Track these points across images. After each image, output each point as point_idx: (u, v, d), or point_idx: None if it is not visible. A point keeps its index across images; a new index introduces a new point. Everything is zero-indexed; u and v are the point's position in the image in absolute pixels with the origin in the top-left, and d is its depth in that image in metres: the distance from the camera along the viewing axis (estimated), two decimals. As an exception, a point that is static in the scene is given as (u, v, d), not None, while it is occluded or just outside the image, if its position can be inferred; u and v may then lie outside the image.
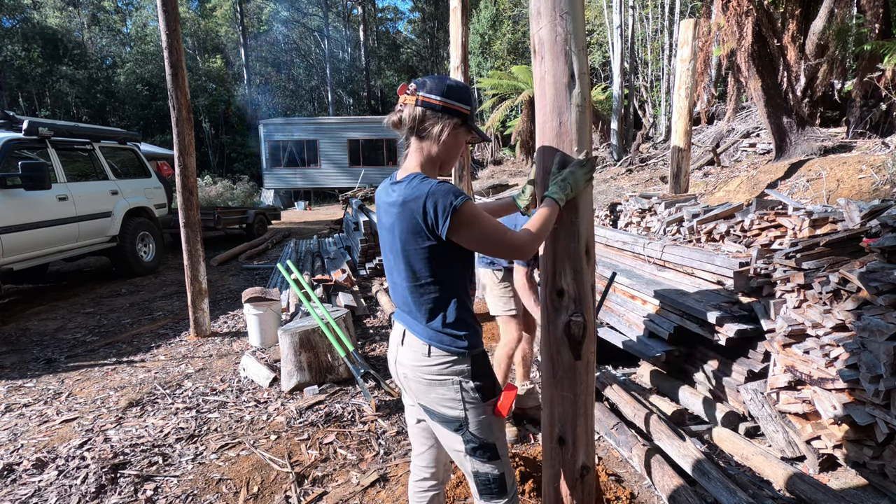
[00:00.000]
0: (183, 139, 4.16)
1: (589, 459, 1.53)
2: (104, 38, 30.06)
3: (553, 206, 1.35)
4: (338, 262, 6.63)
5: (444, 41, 30.12)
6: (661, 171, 10.29)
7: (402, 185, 1.32)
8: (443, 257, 1.31)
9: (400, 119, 1.37)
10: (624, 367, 3.49)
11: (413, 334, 1.39)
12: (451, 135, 1.35)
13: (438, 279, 1.33)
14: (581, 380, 1.48)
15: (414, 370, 1.39)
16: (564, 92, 1.38)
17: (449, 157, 1.39)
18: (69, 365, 3.90)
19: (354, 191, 13.73)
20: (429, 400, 1.39)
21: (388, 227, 1.37)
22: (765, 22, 6.23)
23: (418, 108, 1.33)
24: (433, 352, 1.35)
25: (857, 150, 6.04)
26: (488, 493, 1.40)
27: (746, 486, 2.13)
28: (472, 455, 1.38)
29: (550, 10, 1.36)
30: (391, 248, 1.38)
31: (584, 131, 1.40)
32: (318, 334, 3.27)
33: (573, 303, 1.44)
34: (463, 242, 1.30)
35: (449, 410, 1.36)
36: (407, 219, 1.28)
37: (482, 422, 1.36)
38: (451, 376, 1.34)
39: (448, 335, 1.34)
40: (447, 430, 1.39)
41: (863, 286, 2.12)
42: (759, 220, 3.65)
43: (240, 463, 2.50)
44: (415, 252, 1.31)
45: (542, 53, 1.40)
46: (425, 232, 1.27)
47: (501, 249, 1.31)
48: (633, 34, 15.51)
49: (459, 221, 1.24)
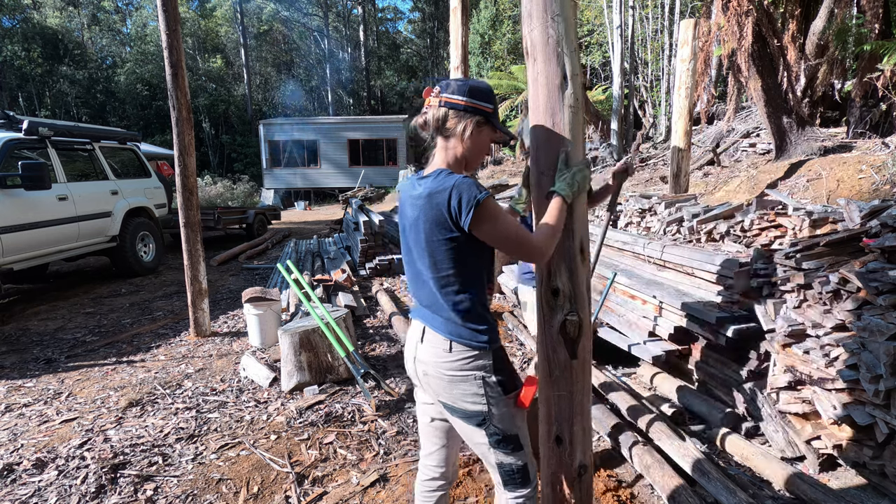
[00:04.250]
0: (183, 139, 4.16)
1: (586, 458, 1.53)
2: (104, 38, 30.08)
3: (563, 203, 1.36)
4: (338, 262, 6.63)
5: (444, 41, 30.11)
6: (661, 171, 10.28)
7: (429, 180, 1.36)
8: (464, 251, 1.35)
9: (425, 121, 1.42)
10: (624, 367, 3.49)
11: (433, 330, 1.41)
12: (475, 133, 1.39)
13: (459, 272, 1.36)
14: (577, 378, 1.48)
15: (435, 367, 1.40)
16: (557, 93, 1.39)
17: (474, 155, 1.43)
18: (69, 365, 3.90)
19: (354, 191, 13.74)
20: (450, 396, 1.41)
21: (412, 220, 1.40)
22: (765, 22, 6.22)
23: (442, 109, 1.38)
24: (455, 347, 1.37)
25: (857, 150, 6.04)
26: (513, 483, 1.43)
27: (746, 486, 2.13)
28: (497, 447, 1.41)
29: (542, 13, 1.37)
30: (415, 240, 1.41)
31: (576, 132, 1.41)
32: (318, 334, 3.27)
33: (568, 302, 1.44)
34: (484, 237, 1.32)
35: (472, 406, 1.38)
36: (432, 210, 1.32)
37: (504, 414, 1.39)
38: (473, 371, 1.37)
39: (469, 329, 1.37)
40: (469, 425, 1.41)
41: (863, 286, 2.12)
42: (759, 220, 3.65)
43: (240, 463, 2.50)
44: (438, 243, 1.34)
45: (535, 55, 1.41)
46: (449, 223, 1.30)
47: (520, 249, 1.33)
48: (633, 34, 15.50)
49: (482, 215, 1.27)
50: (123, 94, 26.91)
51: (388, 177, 20.16)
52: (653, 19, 17.28)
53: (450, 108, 1.37)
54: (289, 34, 32.69)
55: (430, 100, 1.41)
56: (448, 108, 1.38)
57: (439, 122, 1.39)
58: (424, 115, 1.42)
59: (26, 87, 26.18)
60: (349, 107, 32.16)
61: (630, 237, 4.23)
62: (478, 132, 1.39)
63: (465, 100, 1.37)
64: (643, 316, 3.29)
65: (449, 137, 1.40)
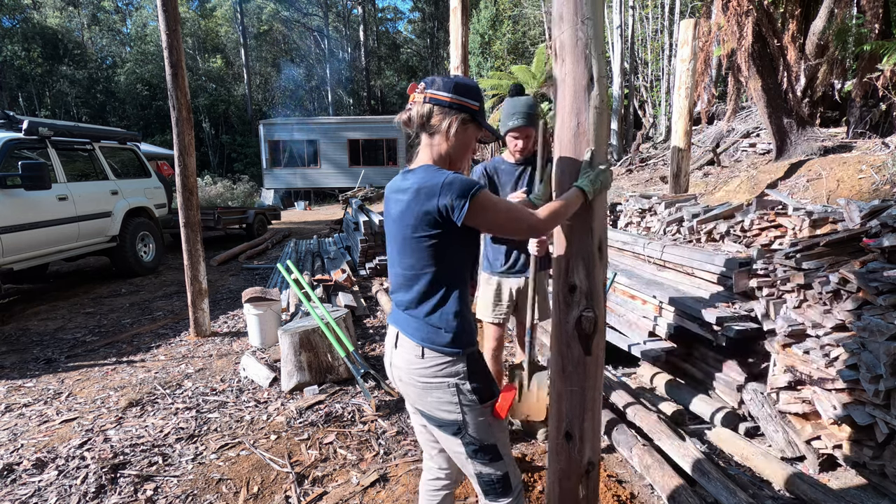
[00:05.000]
0: (183, 139, 4.16)
1: (595, 455, 1.54)
2: (104, 38, 30.09)
3: (579, 196, 1.37)
4: (338, 262, 6.63)
5: (444, 41, 30.11)
6: (661, 171, 10.28)
7: (416, 174, 1.33)
8: (449, 247, 1.32)
9: (409, 117, 1.39)
10: (624, 367, 3.49)
11: (406, 336, 1.37)
12: (461, 130, 1.36)
13: (441, 270, 1.33)
14: (590, 374, 1.49)
15: (408, 373, 1.37)
16: (583, 94, 1.42)
17: (459, 153, 1.40)
18: (69, 365, 3.90)
19: (354, 191, 13.73)
20: (425, 404, 1.38)
21: (396, 216, 1.38)
22: (765, 22, 6.22)
23: (427, 105, 1.35)
24: (426, 353, 1.33)
25: (857, 151, 6.04)
26: (493, 493, 1.40)
27: (746, 486, 2.13)
28: (474, 457, 1.37)
29: (573, 16, 1.40)
30: (398, 236, 1.38)
31: (601, 131, 1.44)
32: (318, 334, 3.27)
33: (585, 298, 1.46)
34: (481, 225, 1.31)
35: (446, 414, 1.34)
36: (419, 205, 1.29)
37: (481, 424, 1.35)
38: (446, 378, 1.33)
39: (442, 333, 1.33)
40: (445, 433, 1.38)
41: (863, 286, 2.12)
42: (759, 220, 3.66)
43: (240, 463, 2.50)
44: (422, 240, 1.31)
45: (563, 56, 1.44)
46: (437, 219, 1.28)
47: (520, 226, 1.32)
48: (633, 34, 15.51)
49: (476, 207, 1.26)
50: (123, 94, 26.92)
51: (388, 177, 20.10)
52: (653, 19, 17.27)
53: (434, 104, 1.34)
54: (289, 34, 32.69)
55: (415, 96, 1.38)
56: (433, 104, 1.34)
57: (423, 118, 1.36)
58: (409, 112, 1.39)
59: (26, 87, 26.18)
60: (349, 107, 32.16)
61: (630, 237, 4.23)
62: (463, 129, 1.36)
63: (451, 96, 1.34)
64: (643, 316, 3.29)
65: (433, 134, 1.37)
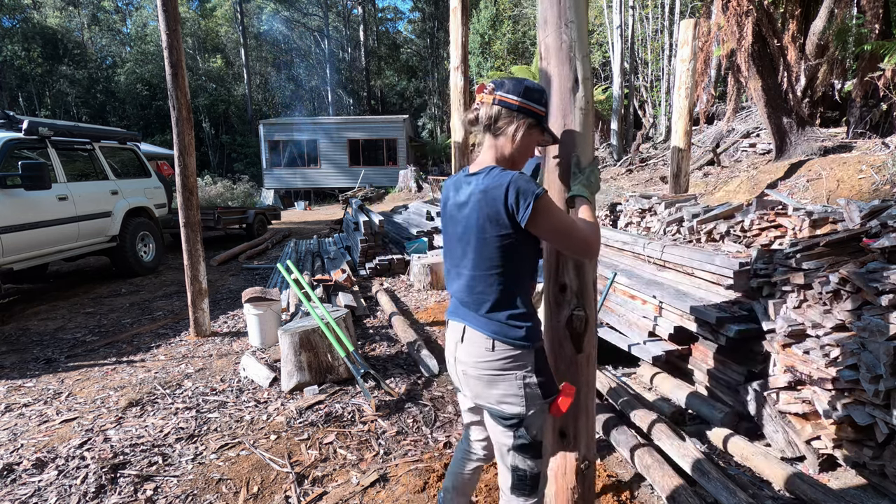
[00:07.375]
0: (183, 139, 4.16)
1: (590, 453, 1.55)
2: (104, 38, 30.09)
3: (590, 205, 1.41)
4: (338, 262, 6.63)
5: (444, 41, 30.11)
6: (661, 171, 10.29)
7: (481, 176, 1.35)
8: (515, 247, 1.34)
9: (476, 117, 1.41)
10: (624, 367, 3.49)
11: (475, 329, 1.39)
12: (526, 134, 1.38)
13: (507, 269, 1.35)
14: (582, 372, 1.50)
15: (475, 366, 1.39)
16: (569, 96, 1.44)
17: (521, 155, 1.42)
18: (69, 365, 3.90)
19: (354, 191, 13.75)
20: (489, 397, 1.39)
21: (460, 218, 1.40)
22: (765, 22, 6.22)
23: (495, 107, 1.37)
24: (497, 346, 1.35)
25: (857, 151, 6.04)
26: (521, 488, 1.42)
27: (746, 486, 2.13)
28: (518, 451, 1.39)
29: (556, 19, 1.42)
30: (462, 237, 1.40)
31: (587, 133, 1.46)
32: (318, 334, 3.27)
33: (575, 297, 1.47)
34: (540, 232, 1.32)
35: (509, 407, 1.37)
36: (487, 206, 1.31)
37: (538, 419, 1.38)
38: (514, 371, 1.35)
39: (513, 327, 1.35)
40: (501, 426, 1.40)
41: (863, 286, 2.12)
42: (759, 220, 3.66)
43: (240, 463, 2.50)
44: (490, 240, 1.33)
45: (548, 59, 1.46)
46: (504, 219, 1.30)
47: (573, 242, 1.33)
48: (633, 34, 15.51)
49: (539, 210, 1.27)
50: (123, 94, 26.92)
51: (388, 177, 20.16)
52: (653, 19, 17.27)
53: (503, 106, 1.36)
54: (289, 34, 32.68)
55: (483, 96, 1.40)
56: (501, 106, 1.37)
57: (491, 119, 1.38)
58: (476, 111, 1.41)
59: (26, 87, 26.18)
60: (349, 107, 32.16)
61: (630, 237, 4.23)
62: (528, 134, 1.38)
63: (520, 100, 1.36)
64: (643, 316, 3.29)
65: (499, 136, 1.39)
